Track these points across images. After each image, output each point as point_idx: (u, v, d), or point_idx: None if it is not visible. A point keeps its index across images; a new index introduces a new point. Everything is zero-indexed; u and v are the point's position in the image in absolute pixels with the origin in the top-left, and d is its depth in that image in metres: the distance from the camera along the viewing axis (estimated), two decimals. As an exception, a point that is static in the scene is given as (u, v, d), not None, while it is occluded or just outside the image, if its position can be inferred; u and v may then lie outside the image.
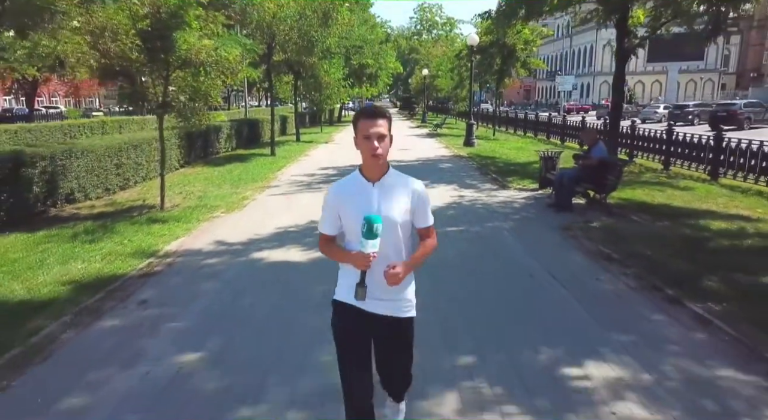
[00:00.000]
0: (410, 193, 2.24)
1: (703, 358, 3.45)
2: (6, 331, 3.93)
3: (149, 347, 3.76)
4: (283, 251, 6.16)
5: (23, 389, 3.25)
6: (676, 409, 2.89)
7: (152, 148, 12.06)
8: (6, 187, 7.45)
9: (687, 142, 12.74)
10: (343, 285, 2.30)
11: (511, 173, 11.82)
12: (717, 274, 4.93)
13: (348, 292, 2.24)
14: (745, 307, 4.11)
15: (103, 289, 4.86)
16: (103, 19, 6.94)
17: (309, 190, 10.53)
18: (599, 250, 5.84)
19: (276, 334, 3.90)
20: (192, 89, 8.29)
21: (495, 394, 3.06)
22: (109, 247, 6.23)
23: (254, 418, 2.87)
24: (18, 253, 5.98)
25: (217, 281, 5.20)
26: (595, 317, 4.12)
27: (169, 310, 4.44)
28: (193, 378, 3.34)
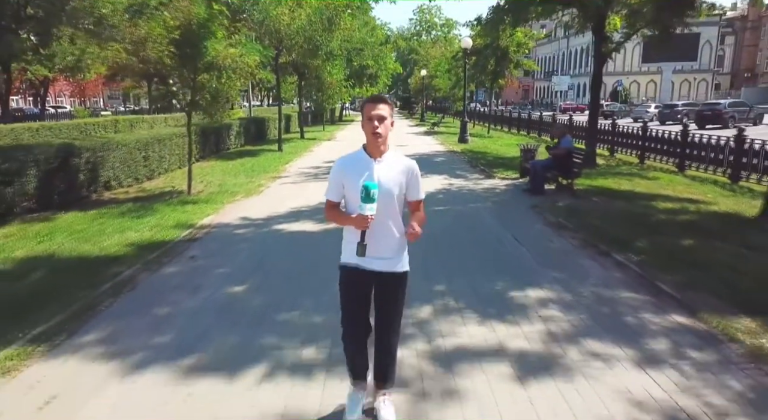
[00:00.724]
0: (406, 170, 2.59)
1: (613, 287, 4.74)
2: (95, 275, 5.21)
3: (205, 283, 5.04)
4: (298, 224, 7.45)
5: (123, 304, 4.53)
6: (583, 313, 4.17)
7: (173, 142, 13.36)
8: (59, 174, 8.76)
9: (659, 138, 14.04)
10: (347, 250, 2.64)
11: (497, 166, 13.11)
12: (645, 238, 6.20)
13: (350, 255, 2.58)
14: (656, 258, 5.39)
15: (159, 249, 6.14)
16: (144, 31, 8.20)
17: (316, 180, 11.81)
18: (557, 222, 7.13)
19: (297, 278, 5.16)
20: (215, 90, 9.56)
21: (458, 306, 4.34)
22: (153, 221, 7.51)
23: (285, 343, 3.96)
24: (81, 226, 7.27)
25: (247, 244, 6.50)
26: (540, 264, 5.41)
27: (214, 262, 5.72)
28: (243, 299, 4.62)
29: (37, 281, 5.02)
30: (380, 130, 2.47)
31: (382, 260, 2.59)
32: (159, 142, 12.58)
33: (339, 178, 2.60)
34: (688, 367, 3.29)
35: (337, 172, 2.61)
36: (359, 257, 2.52)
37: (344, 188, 2.59)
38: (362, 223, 2.42)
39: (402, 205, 2.66)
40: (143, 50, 8.39)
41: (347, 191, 2.58)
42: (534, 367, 3.33)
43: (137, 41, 8.18)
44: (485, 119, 31.31)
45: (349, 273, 2.64)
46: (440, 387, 3.12)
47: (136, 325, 4.09)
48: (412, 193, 2.64)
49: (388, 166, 2.56)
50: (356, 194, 2.44)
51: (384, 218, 2.54)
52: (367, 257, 2.52)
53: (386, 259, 2.60)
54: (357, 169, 2.55)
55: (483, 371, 3.28)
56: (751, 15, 74.27)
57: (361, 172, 2.51)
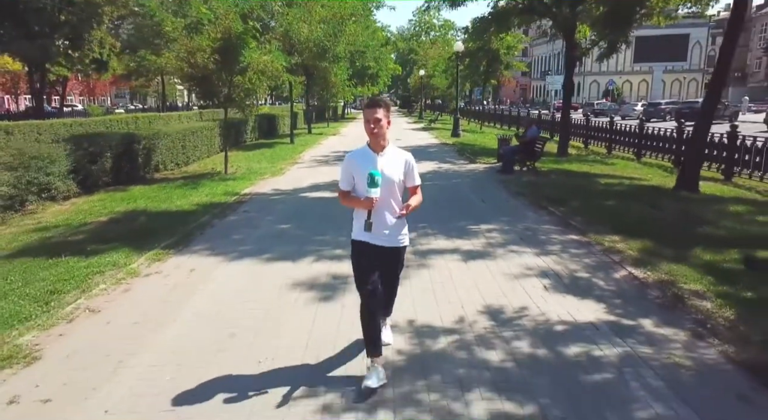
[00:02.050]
0: (404, 161, 3.09)
1: (539, 223, 6.97)
2: (182, 220, 7.41)
3: (261, 224, 7.26)
4: (317, 193, 9.68)
5: (209, 234, 6.75)
6: (513, 235, 6.39)
7: (203, 134, 15.59)
8: (125, 157, 10.98)
9: (623, 131, 16.25)
10: (356, 227, 3.12)
11: (481, 154, 15.34)
12: (578, 200, 8.39)
13: (359, 232, 3.07)
14: (577, 210, 7.59)
15: (219, 207, 8.37)
16: (196, 42, 10.40)
17: (327, 165, 14.04)
18: (517, 191, 9.36)
19: (322, 222, 7.34)
20: (247, 89, 11.76)
21: (432, 232, 6.56)
22: (206, 191, 9.73)
23: (322, 248, 6.15)
24: (152, 194, 9.49)
25: (282, 204, 8.73)
26: (495, 213, 7.64)
27: (262, 214, 7.95)
28: (289, 231, 6.85)
29: (144, 223, 7.25)
30: (377, 131, 2.96)
31: (385, 237, 3.10)
32: (193, 133, 14.82)
33: (349, 170, 3.08)
34: (566, 255, 5.53)
35: (347, 165, 3.10)
36: (366, 233, 3.00)
37: (354, 178, 3.07)
38: (369, 204, 2.93)
39: (402, 191, 3.15)
40: (193, 58, 10.59)
41: (356, 180, 3.05)
42: (473, 256, 5.56)
43: (189, 51, 10.38)
44: (479, 116, 33.56)
45: (359, 246, 3.14)
46: (417, 263, 5.35)
47: (223, 242, 6.32)
48: (410, 180, 3.14)
49: (389, 159, 3.05)
50: (364, 182, 2.93)
51: (387, 202, 3.03)
52: (373, 233, 3.02)
53: (388, 236, 3.11)
54: (363, 161, 3.02)
55: (443, 258, 5.51)
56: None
57: (366, 165, 2.97)
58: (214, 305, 4.37)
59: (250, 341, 3.67)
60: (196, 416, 2.81)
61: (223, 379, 3.17)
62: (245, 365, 3.32)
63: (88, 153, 9.72)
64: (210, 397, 2.96)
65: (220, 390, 3.03)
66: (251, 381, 3.13)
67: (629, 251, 5.52)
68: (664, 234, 6.12)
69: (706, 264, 5.05)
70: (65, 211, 8.25)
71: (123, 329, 3.94)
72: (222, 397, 2.97)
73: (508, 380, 3.10)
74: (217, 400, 2.94)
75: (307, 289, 4.68)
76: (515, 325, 3.85)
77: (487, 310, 4.12)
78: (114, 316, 4.17)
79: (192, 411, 2.86)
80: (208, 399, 2.95)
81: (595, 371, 3.20)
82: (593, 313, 4.03)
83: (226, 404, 2.91)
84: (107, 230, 6.84)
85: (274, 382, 3.11)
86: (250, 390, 3.02)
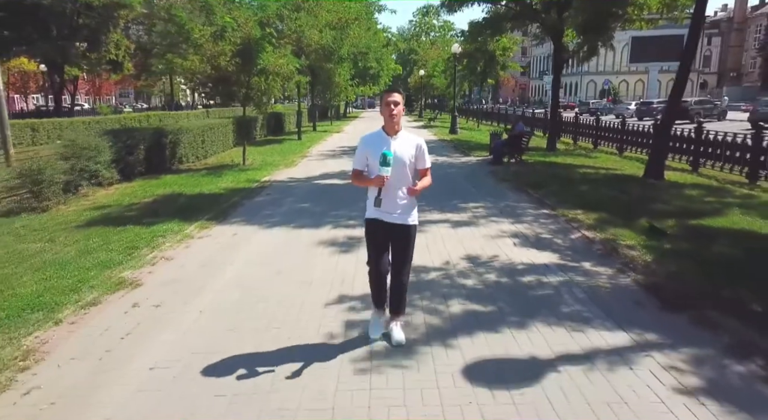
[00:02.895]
0: (415, 144, 3.32)
1: (518, 202, 8.29)
2: (215, 201, 8.71)
3: (284, 203, 8.58)
4: (328, 180, 10.99)
5: (242, 211, 8.06)
6: (495, 210, 7.70)
7: (219, 131, 16.90)
8: (155, 149, 12.28)
9: (607, 128, 17.54)
10: (370, 207, 3.36)
11: (475, 149, 16.66)
12: (556, 185, 9.68)
13: (372, 210, 3.31)
14: (553, 193, 8.89)
15: (244, 191, 9.68)
16: (220, 47, 11.69)
17: (333, 158, 15.36)
18: (503, 178, 10.68)
19: (337, 203, 8.65)
20: (263, 89, 13.06)
21: (428, 208, 7.85)
22: (230, 178, 11.04)
23: (338, 219, 7.46)
24: (182, 181, 10.79)
25: (299, 189, 10.05)
26: (482, 195, 8.95)
27: (283, 196, 9.26)
28: (308, 208, 8.16)
29: (185, 203, 8.56)
30: (395, 112, 3.18)
31: (396, 215, 3.30)
32: (210, 130, 16.13)
33: (363, 151, 3.30)
34: (536, 223, 6.85)
35: (362, 147, 3.31)
36: (377, 209, 3.21)
37: (367, 159, 3.29)
38: (380, 182, 3.12)
39: (414, 173, 3.33)
40: (216, 61, 11.89)
41: (370, 160, 3.27)
42: (460, 224, 6.88)
43: (212, 55, 11.68)
44: (477, 115, 34.87)
45: (371, 223, 3.37)
46: (415, 229, 6.65)
47: (255, 216, 7.63)
48: (420, 162, 3.34)
49: (402, 142, 3.26)
50: (377, 162, 3.14)
51: (398, 182, 3.20)
52: (384, 212, 3.23)
53: (398, 214, 3.31)
54: (377, 143, 3.23)
55: (436, 226, 6.83)
56: (737, 17, 77.49)
57: (380, 146, 3.18)
58: (259, 255, 5.69)
59: (293, 274, 4.99)
60: (264, 305, 4.12)
61: (277, 295, 4.48)
62: (293, 287, 4.64)
63: (126, 145, 11.02)
64: (269, 305, 4.28)
65: (275, 302, 4.34)
66: (298, 297, 4.44)
67: (587, 220, 6.83)
68: (620, 209, 7.43)
69: (645, 229, 6.36)
70: (112, 194, 9.57)
71: (194, 269, 5.25)
72: (277, 305, 4.28)
73: (478, 295, 4.42)
74: (274, 307, 4.25)
75: (330, 246, 5.99)
76: (487, 266, 5.17)
77: (467, 258, 5.44)
78: (185, 261, 5.49)
79: (259, 306, 4.17)
80: (268, 306, 4.26)
81: (540, 290, 4.51)
82: (548, 259, 5.35)
83: (281, 308, 4.21)
84: (155, 208, 8.15)
85: (314, 296, 4.42)
86: (298, 301, 4.33)
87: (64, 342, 3.67)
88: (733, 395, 2.85)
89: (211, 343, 3.58)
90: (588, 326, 3.77)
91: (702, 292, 4.29)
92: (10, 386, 3.08)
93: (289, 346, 3.54)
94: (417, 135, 3.51)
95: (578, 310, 4.06)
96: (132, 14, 24.15)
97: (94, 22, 22.83)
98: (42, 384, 3.10)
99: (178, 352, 3.47)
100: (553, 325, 3.78)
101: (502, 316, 3.98)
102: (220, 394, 2.96)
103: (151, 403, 2.90)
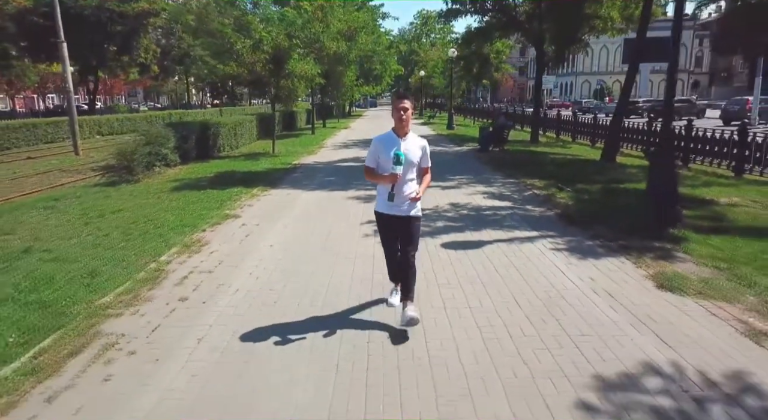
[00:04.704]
0: (421, 146, 3.80)
1: (494, 176, 10.96)
2: (262, 177, 11.39)
3: (314, 178, 11.26)
4: (346, 163, 13.68)
5: (285, 182, 10.74)
6: (476, 180, 10.37)
7: (246, 126, 19.57)
8: (202, 139, 14.96)
9: (583, 123, 20.19)
10: (379, 201, 3.87)
11: (468, 141, 19.34)
12: (527, 166, 12.33)
13: (381, 204, 3.82)
14: (524, 171, 11.54)
15: (282, 170, 12.36)
16: (257, 55, 14.35)
17: (346, 148, 18.05)
18: (486, 161, 13.37)
19: (355, 177, 11.28)
20: (290, 89, 15.73)
21: (426, 180, 10.52)
22: (267, 163, 13.71)
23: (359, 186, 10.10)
24: (229, 164, 13.46)
25: (324, 169, 12.74)
26: (466, 172, 11.63)
27: (313, 173, 11.95)
28: (333, 180, 10.85)
29: (240, 177, 11.23)
30: (404, 117, 3.64)
31: (404, 207, 3.75)
32: (240, 124, 18.82)
33: (376, 151, 3.75)
34: (502, 187, 9.53)
35: (375, 147, 3.77)
36: (389, 202, 3.68)
37: (379, 158, 3.73)
38: (393, 179, 3.59)
39: (419, 171, 3.81)
40: (253, 66, 14.56)
41: (381, 159, 3.72)
42: (448, 188, 9.56)
43: (251, 62, 14.35)
44: (473, 113, 37.53)
45: (381, 216, 3.86)
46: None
47: (298, 185, 10.32)
48: (424, 162, 3.83)
49: (410, 143, 3.71)
50: (388, 160, 3.60)
51: (406, 178, 3.68)
52: (393, 206, 3.70)
53: (406, 207, 3.76)
54: (388, 144, 3.68)
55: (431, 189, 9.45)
56: (728, 18, 79.33)
57: (391, 147, 3.63)
58: (310, 203, 8.39)
59: (336, 215, 7.65)
60: (322, 223, 6.78)
61: (328, 220, 7.16)
62: (339, 221, 7.31)
63: (182, 136, 13.69)
64: (325, 223, 6.96)
65: (326, 230, 7.01)
66: (343, 221, 7.11)
67: (538, 184, 9.52)
68: (566, 179, 10.08)
69: (577, 189, 9.01)
70: (178, 172, 12.24)
71: (271, 208, 7.95)
72: (330, 223, 6.96)
73: (453, 219, 7.10)
74: (330, 224, 6.93)
75: (356, 199, 8.68)
76: (462, 207, 7.85)
77: (449, 204, 8.11)
78: (262, 206, 8.19)
79: (319, 223, 6.84)
80: (324, 223, 6.94)
81: (493, 217, 7.20)
82: (503, 204, 8.04)
83: (333, 224, 6.88)
84: (220, 180, 10.83)
85: (352, 222, 7.10)
86: (343, 223, 7.01)
87: (213, 237, 6.36)
88: (582, 252, 5.52)
89: (296, 236, 6.29)
90: (516, 230, 6.46)
91: (589, 215, 6.97)
92: (199, 251, 5.76)
93: (339, 243, 6.22)
94: (418, 132, 4.23)
95: (513, 224, 6.74)
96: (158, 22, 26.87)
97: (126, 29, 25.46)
98: (216, 251, 5.79)
99: (280, 239, 6.17)
100: (496, 229, 6.47)
101: (466, 226, 6.68)
102: (308, 252, 5.65)
103: (277, 257, 5.58)
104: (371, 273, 5.05)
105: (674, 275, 4.64)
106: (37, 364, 3.32)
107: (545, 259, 5.30)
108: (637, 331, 3.66)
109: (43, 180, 12.10)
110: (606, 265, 5.05)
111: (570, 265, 5.12)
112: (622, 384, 2.99)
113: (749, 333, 3.54)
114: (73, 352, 3.48)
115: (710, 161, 12.19)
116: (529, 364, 3.22)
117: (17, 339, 3.68)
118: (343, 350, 3.49)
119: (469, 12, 19.79)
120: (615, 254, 5.37)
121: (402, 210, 3.75)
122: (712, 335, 3.55)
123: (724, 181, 10.10)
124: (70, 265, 5.27)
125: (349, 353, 3.45)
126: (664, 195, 6.16)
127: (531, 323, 3.83)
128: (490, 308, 4.13)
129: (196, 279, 4.90)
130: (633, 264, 5.05)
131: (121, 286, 4.67)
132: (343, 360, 3.35)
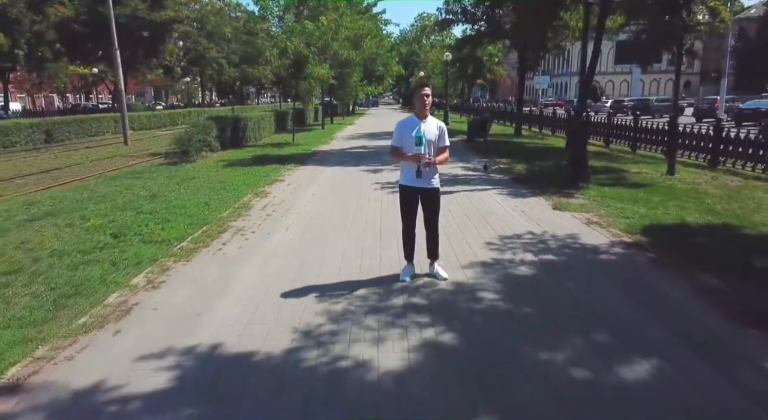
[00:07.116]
0: (439, 127, 4.43)
1: (476, 158, 13.89)
2: (289, 158, 14.33)
3: (331, 160, 14.20)
4: (356, 150, 16.59)
5: (310, 163, 13.68)
6: (461, 161, 13.29)
7: (266, 120, 22.52)
8: (234, 131, 17.90)
9: (560, 119, 23.10)
10: (403, 176, 4.53)
11: (459, 134, 22.23)
12: (504, 153, 15.24)
13: (405, 178, 4.48)
14: (499, 154, 14.46)
15: (305, 155, 15.31)
16: (282, 61, 17.29)
17: (355, 139, 21.01)
18: (471, 149, 16.31)
19: (365, 158, 14.21)
20: (307, 90, 18.67)
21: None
22: (290, 150, 16.65)
23: (369, 164, 13.01)
24: (259, 151, 16.39)
25: (338, 154, 15.68)
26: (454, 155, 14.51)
27: (331, 156, 14.90)
28: (348, 159, 13.78)
29: (274, 158, 14.15)
30: (428, 101, 4.36)
31: (426, 181, 4.45)
32: (263, 119, 21.80)
33: (400, 133, 4.42)
34: (479, 164, 12.46)
35: (398, 129, 4.45)
36: (417, 178, 4.37)
37: (403, 138, 4.38)
38: (417, 158, 4.28)
39: (437, 149, 4.47)
40: (279, 70, 17.51)
41: (404, 140, 4.38)
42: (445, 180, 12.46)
43: (277, 66, 17.29)
44: (469, 111, 40.47)
45: (405, 189, 4.55)
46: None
47: (320, 164, 13.26)
48: (441, 141, 4.47)
49: (429, 125, 4.39)
50: (410, 141, 4.28)
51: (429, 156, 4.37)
52: (419, 179, 4.38)
53: (425, 180, 4.45)
54: (410, 126, 4.36)
55: (423, 165, 12.45)
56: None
57: (413, 128, 4.31)
58: (332, 173, 11.33)
59: (353, 180, 10.58)
60: (345, 185, 9.71)
61: (349, 184, 10.10)
62: (355, 183, 10.23)
63: (220, 127, 16.64)
64: (346, 186, 9.91)
65: (349, 185, 9.94)
66: (358, 185, 10.03)
67: (505, 161, 12.47)
68: (530, 160, 12.98)
69: (536, 166, 11.91)
70: (221, 156, 15.17)
71: (305, 176, 10.90)
72: (350, 186, 9.90)
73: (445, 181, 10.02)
74: (349, 186, 9.88)
75: (367, 171, 11.60)
76: (450, 176, 10.76)
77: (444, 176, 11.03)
78: (297, 176, 11.12)
79: (343, 184, 9.77)
80: (345, 185, 9.89)
81: (464, 179, 10.15)
82: (474, 173, 10.96)
83: (353, 187, 9.82)
84: (258, 160, 13.75)
85: (366, 192, 10.02)
86: (357, 186, 9.94)
87: (271, 190, 9.30)
88: (516, 195, 8.45)
89: (328, 189, 9.25)
90: (478, 187, 9.42)
91: (536, 179, 9.90)
92: (266, 196, 8.71)
93: (357, 192, 9.16)
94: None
95: (477, 183, 9.69)
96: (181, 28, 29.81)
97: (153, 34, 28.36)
98: (277, 196, 8.74)
99: (318, 190, 9.12)
100: (464, 186, 9.42)
101: (444, 184, 9.62)
102: (338, 194, 8.59)
103: (317, 198, 8.52)
104: (379, 202, 8.05)
105: (566, 203, 7.59)
106: (202, 236, 6.26)
107: (491, 199, 8.25)
108: (529, 223, 6.61)
109: (113, 163, 15.05)
110: (528, 201, 8.02)
111: (506, 201, 8.07)
112: (511, 237, 5.95)
113: (587, 223, 6.51)
114: (220, 232, 6.43)
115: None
116: (465, 234, 6.17)
117: (188, 226, 6.65)
118: (368, 231, 6.43)
119: (460, 21, 22.73)
120: (536, 196, 8.33)
121: (425, 183, 4.44)
122: (568, 223, 6.52)
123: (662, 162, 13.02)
124: (187, 201, 8.23)
125: (370, 232, 6.39)
126: (576, 162, 9.11)
127: (473, 224, 6.76)
128: (452, 219, 7.06)
129: (271, 207, 7.86)
130: (545, 200, 8.01)
131: (227, 210, 7.62)
132: (366, 236, 6.29)
